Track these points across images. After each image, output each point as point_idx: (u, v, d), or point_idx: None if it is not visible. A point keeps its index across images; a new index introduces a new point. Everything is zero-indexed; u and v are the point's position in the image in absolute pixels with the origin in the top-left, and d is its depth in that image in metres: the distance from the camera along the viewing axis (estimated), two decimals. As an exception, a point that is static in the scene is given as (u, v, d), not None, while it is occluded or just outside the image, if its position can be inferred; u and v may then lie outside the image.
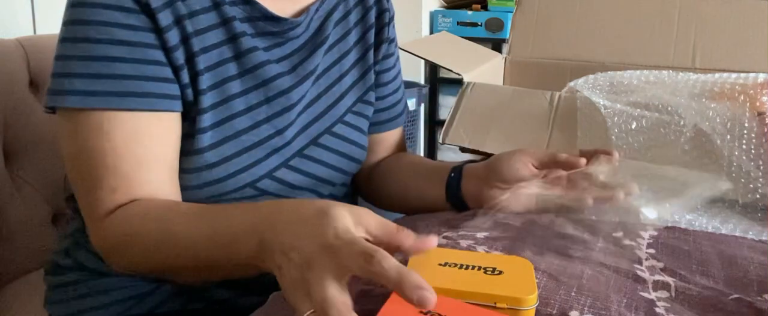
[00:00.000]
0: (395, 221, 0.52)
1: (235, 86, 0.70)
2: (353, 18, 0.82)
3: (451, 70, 1.01)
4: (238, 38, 0.70)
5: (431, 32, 2.46)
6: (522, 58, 1.18)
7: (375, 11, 0.83)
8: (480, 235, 0.65)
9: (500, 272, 0.50)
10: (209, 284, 0.75)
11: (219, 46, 0.69)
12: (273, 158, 0.72)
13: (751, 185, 0.74)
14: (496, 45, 2.23)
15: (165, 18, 0.65)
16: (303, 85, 0.75)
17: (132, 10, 0.63)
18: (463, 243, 0.63)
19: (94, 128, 0.63)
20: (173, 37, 0.65)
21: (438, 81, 2.52)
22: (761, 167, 0.74)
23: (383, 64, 0.86)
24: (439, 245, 0.62)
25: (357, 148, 0.81)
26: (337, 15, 0.80)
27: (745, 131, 0.75)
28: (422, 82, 2.47)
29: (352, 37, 0.82)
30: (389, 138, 0.90)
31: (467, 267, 0.51)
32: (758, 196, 0.73)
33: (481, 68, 1.09)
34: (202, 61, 0.67)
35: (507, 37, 1.22)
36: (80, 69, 0.63)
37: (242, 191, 0.71)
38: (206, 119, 0.68)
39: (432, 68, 2.50)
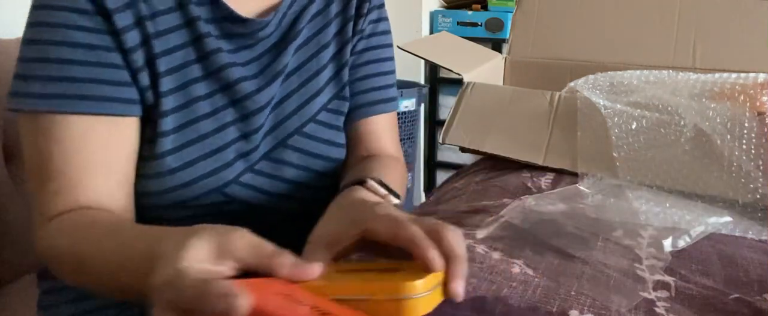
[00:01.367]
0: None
1: (199, 88, 0.68)
2: (334, 9, 0.78)
3: (451, 70, 1.01)
4: (202, 39, 0.68)
5: (431, 32, 2.46)
6: (522, 58, 1.18)
7: (356, 1, 0.78)
8: (480, 234, 0.65)
9: (396, 270, 0.45)
10: None
11: (183, 47, 0.67)
12: (239, 162, 0.70)
13: (751, 185, 0.74)
14: (496, 45, 2.23)
15: (123, 19, 0.63)
16: (270, 86, 0.72)
17: (88, 12, 0.62)
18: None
19: (45, 131, 0.62)
20: (132, 38, 0.64)
21: (438, 81, 2.52)
22: (761, 167, 0.74)
23: (372, 41, 0.81)
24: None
25: (333, 148, 0.76)
26: (314, 8, 0.76)
27: (745, 131, 0.75)
28: (422, 82, 2.47)
29: (331, 29, 0.77)
30: (375, 126, 0.81)
31: (365, 271, 0.47)
32: (758, 196, 0.73)
33: (481, 68, 1.09)
34: (163, 63, 0.66)
35: (507, 37, 1.22)
36: (36, 71, 0.62)
37: (209, 197, 0.68)
38: (168, 122, 0.66)
39: (432, 68, 2.50)
